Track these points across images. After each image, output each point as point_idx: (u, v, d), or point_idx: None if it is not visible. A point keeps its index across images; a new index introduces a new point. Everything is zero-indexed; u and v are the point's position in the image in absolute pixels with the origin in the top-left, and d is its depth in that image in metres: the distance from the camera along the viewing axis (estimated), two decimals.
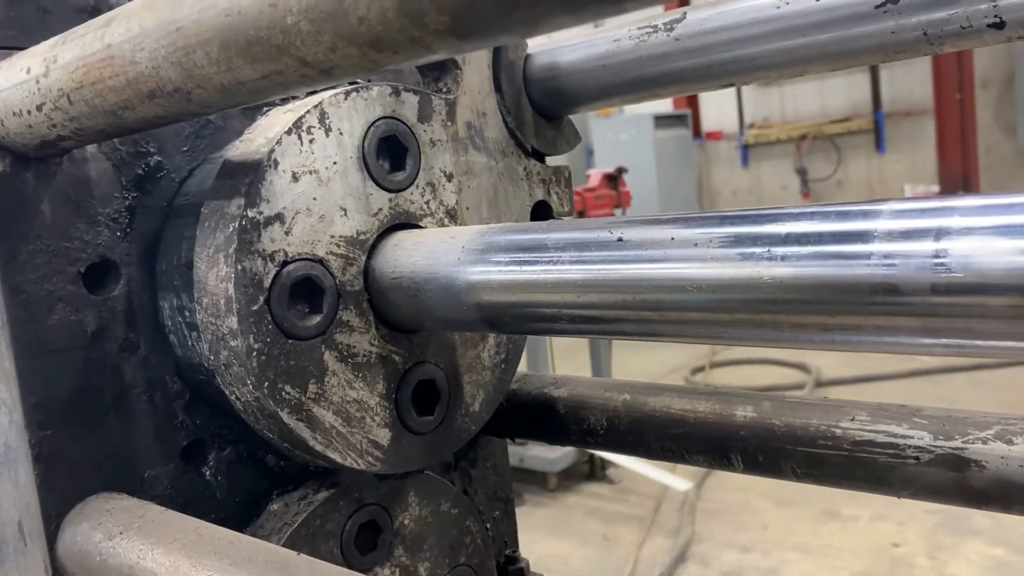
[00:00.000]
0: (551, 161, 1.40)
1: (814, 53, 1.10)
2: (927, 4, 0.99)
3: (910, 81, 15.61)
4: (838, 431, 1.13)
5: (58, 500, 1.09)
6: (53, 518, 1.09)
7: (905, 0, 1.00)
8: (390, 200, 1.13)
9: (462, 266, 1.00)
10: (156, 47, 0.75)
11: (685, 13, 1.20)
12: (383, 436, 1.12)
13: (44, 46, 0.92)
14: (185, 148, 1.21)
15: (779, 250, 0.74)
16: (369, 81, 1.16)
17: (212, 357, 1.03)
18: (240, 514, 1.24)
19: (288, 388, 1.02)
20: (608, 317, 0.89)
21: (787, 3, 1.09)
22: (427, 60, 0.65)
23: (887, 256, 0.68)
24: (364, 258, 1.09)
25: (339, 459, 1.08)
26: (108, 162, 1.13)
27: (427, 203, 1.18)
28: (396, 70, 1.27)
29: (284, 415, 1.02)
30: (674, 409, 1.29)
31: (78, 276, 1.11)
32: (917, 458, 1.06)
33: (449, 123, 1.21)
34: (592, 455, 7.70)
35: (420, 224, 1.16)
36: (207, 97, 0.77)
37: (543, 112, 1.36)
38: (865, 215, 0.72)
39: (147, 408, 1.17)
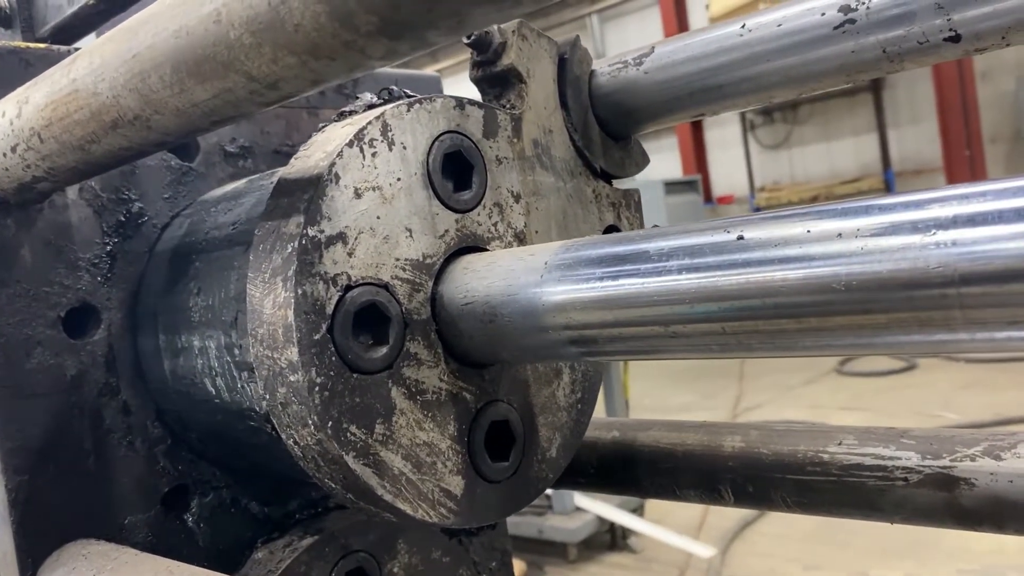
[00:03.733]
0: (618, 185, 1.32)
1: (778, 79, 1.11)
2: (884, 22, 1.00)
3: (918, 139, 15.71)
4: (826, 456, 1.11)
5: (34, 546, 1.08)
6: (29, 565, 1.07)
7: (863, 19, 1.01)
8: (456, 221, 1.04)
9: (546, 284, 0.90)
10: (115, 76, 0.77)
11: (653, 47, 1.22)
12: (456, 484, 1.00)
13: (20, 89, 0.95)
14: (167, 195, 1.24)
15: (948, 235, 0.64)
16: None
17: (267, 396, 0.92)
18: (223, 562, 1.23)
19: (353, 429, 0.91)
20: (731, 330, 0.77)
21: (749, 30, 1.11)
22: (365, 69, 0.66)
23: None
24: (431, 284, 1.00)
25: (409, 511, 0.95)
26: (89, 208, 1.16)
27: (495, 225, 1.08)
28: None
29: (350, 460, 0.90)
30: (663, 444, 1.27)
31: (58, 320, 1.12)
32: (906, 479, 1.04)
33: (515, 140, 1.13)
34: (613, 524, 7.55)
35: (487, 248, 1.06)
36: (165, 123, 0.79)
37: (609, 131, 1.28)
38: None
39: (127, 453, 1.17)
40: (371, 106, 1.02)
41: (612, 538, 7.77)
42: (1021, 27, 0.94)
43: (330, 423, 0.89)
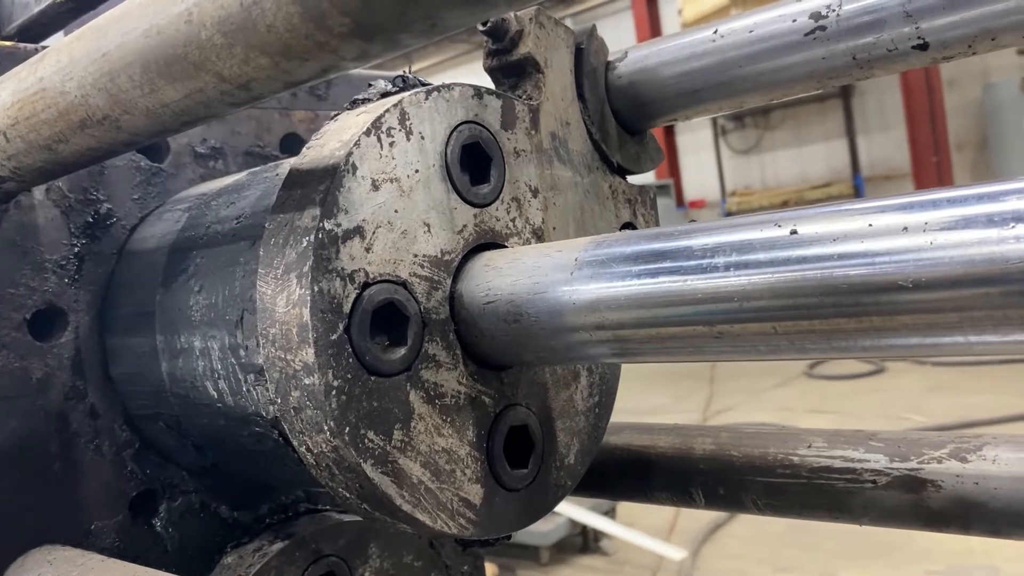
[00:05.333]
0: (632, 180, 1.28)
1: (750, 84, 1.12)
2: (854, 29, 1.01)
3: (887, 146, 15.92)
4: (796, 459, 1.12)
5: None
6: None
7: (833, 26, 1.03)
8: (475, 216, 0.99)
9: (577, 282, 0.85)
10: (84, 75, 0.76)
11: (627, 52, 1.22)
12: (475, 493, 0.95)
13: None
14: (136, 196, 1.22)
15: None
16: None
17: (278, 400, 0.86)
18: (192, 567, 1.21)
19: (371, 435, 0.85)
20: (783, 330, 0.73)
21: (721, 36, 1.11)
22: (339, 70, 0.66)
23: None
24: (449, 281, 0.95)
25: (428, 522, 0.90)
26: (56, 209, 1.14)
27: (512, 221, 1.03)
28: None
29: (368, 468, 0.85)
30: (634, 446, 1.27)
31: (23, 322, 1.10)
32: (874, 481, 1.05)
33: (533, 132, 1.08)
34: (584, 527, 7.56)
35: (505, 244, 1.02)
36: (135, 123, 0.78)
37: (625, 125, 1.24)
38: None
39: (94, 457, 1.15)
40: (385, 94, 0.98)
41: (584, 541, 7.78)
42: (986, 36, 0.96)
43: (347, 429, 0.83)
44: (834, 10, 1.02)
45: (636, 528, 7.09)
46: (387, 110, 0.91)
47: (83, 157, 0.88)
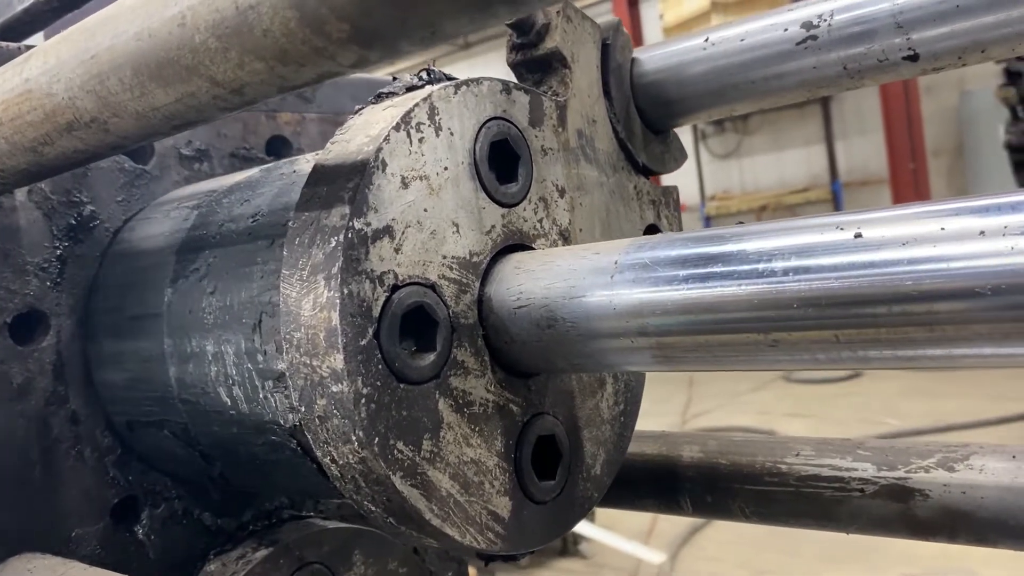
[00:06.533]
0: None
1: (743, 92, 1.12)
2: (845, 39, 1.02)
3: (865, 151, 16.06)
4: (784, 467, 1.12)
5: None
6: None
7: (825, 36, 1.03)
8: (503, 216, 0.95)
9: (618, 286, 0.82)
10: (72, 77, 0.75)
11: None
12: (503, 506, 0.91)
13: None
14: (120, 198, 1.20)
15: None
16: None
17: (302, 409, 0.82)
18: (175, 575, 1.20)
19: (400, 445, 0.82)
20: (846, 338, 0.70)
21: (712, 44, 1.12)
22: (336, 75, 0.65)
23: None
24: (478, 284, 0.92)
25: (457, 536, 0.87)
26: (39, 211, 1.12)
27: (540, 221, 1.00)
28: None
29: (397, 480, 0.81)
30: None
31: (4, 326, 1.08)
32: (862, 490, 1.05)
33: (560, 129, 1.04)
34: None
35: (533, 246, 0.99)
36: (124, 126, 0.76)
37: (649, 123, 1.22)
38: None
39: (75, 464, 1.13)
40: (411, 88, 0.95)
41: (563, 544, 7.78)
42: (976, 48, 0.97)
43: (376, 439, 0.80)
44: (826, 20, 1.02)
45: (615, 531, 7.10)
46: (416, 104, 0.87)
47: (69, 160, 0.87)
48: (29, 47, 1.10)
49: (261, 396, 0.97)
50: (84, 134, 0.79)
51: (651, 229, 1.19)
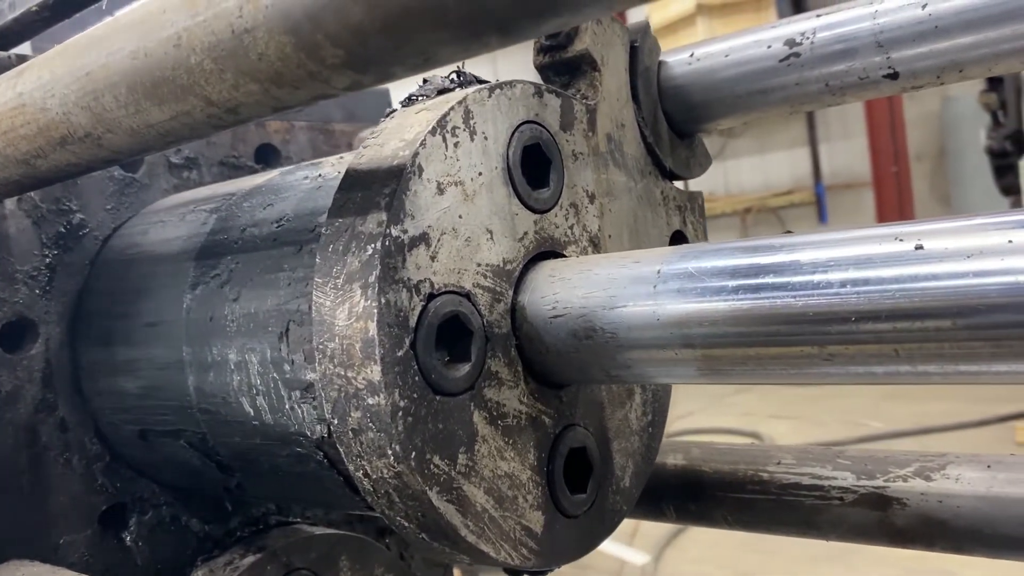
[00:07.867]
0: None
1: (727, 107, 1.14)
2: (827, 57, 1.04)
3: (849, 155, 16.17)
4: (765, 475, 1.14)
5: None
6: None
7: (807, 53, 1.05)
8: (535, 222, 0.93)
9: (662, 296, 0.80)
10: (66, 92, 0.76)
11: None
12: (536, 521, 0.89)
13: None
14: (109, 206, 1.21)
15: None
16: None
17: (335, 421, 0.80)
18: None
19: (437, 459, 0.79)
20: (907, 353, 0.67)
21: (698, 59, 1.13)
22: (328, 97, 0.66)
23: None
24: (511, 293, 0.90)
25: (492, 552, 0.84)
26: (28, 219, 1.13)
27: (571, 228, 0.98)
28: None
29: (433, 496, 0.79)
30: None
31: None
32: (842, 499, 1.07)
33: (591, 134, 1.02)
34: None
35: (564, 253, 0.97)
36: (117, 142, 0.77)
37: (675, 128, 1.20)
38: None
39: (64, 471, 1.14)
40: (442, 90, 0.93)
41: None
42: (954, 68, 0.99)
43: (413, 453, 0.77)
44: (808, 38, 1.04)
45: None
46: (452, 108, 0.85)
47: (61, 172, 0.87)
48: (20, 56, 1.11)
49: (287, 407, 0.95)
50: (77, 148, 0.80)
51: (678, 235, 1.17)
